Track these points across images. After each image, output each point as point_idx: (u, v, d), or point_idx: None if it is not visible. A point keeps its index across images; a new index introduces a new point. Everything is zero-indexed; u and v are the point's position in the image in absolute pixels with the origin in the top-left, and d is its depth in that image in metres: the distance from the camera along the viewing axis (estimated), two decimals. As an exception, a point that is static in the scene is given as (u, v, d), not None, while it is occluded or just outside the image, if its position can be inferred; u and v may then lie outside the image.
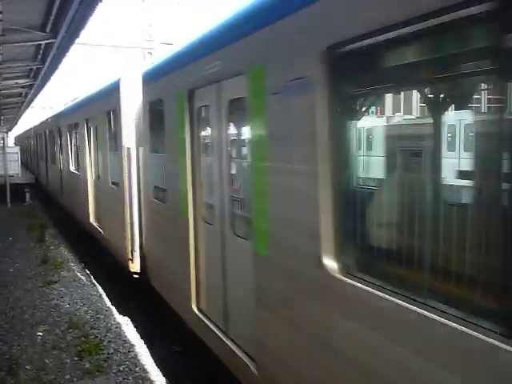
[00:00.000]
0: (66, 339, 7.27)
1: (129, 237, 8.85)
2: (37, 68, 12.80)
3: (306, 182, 3.68)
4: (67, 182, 16.82)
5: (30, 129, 32.46)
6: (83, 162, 13.05)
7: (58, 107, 21.58)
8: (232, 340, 5.24)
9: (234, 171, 5.42)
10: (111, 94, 9.63)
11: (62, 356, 6.75)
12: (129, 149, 8.71)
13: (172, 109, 6.69)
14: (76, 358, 6.64)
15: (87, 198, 12.63)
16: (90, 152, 12.39)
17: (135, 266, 8.86)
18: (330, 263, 3.48)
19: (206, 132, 6.03)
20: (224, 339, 5.35)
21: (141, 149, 8.39)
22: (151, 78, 7.79)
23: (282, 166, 4.05)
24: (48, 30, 8.73)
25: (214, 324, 5.71)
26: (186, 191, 6.16)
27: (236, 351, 5.04)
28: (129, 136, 8.83)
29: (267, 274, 4.39)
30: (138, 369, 6.38)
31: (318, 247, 3.54)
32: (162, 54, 8.25)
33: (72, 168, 15.65)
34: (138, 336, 7.64)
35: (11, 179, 24.50)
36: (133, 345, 7.14)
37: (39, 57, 11.39)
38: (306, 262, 3.75)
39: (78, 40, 9.97)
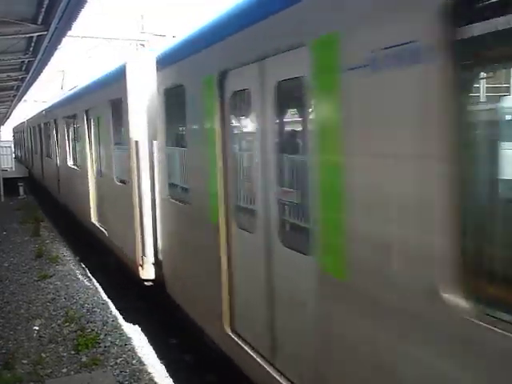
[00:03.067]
0: (63, 333, 7.27)
1: (139, 240, 7.91)
2: (28, 61, 12.66)
3: (413, 183, 2.66)
4: (65, 178, 15.90)
5: (23, 122, 31.45)
6: (83, 158, 12.09)
7: (54, 98, 20.77)
8: (280, 372, 4.28)
9: (284, 169, 4.37)
10: (116, 80, 8.68)
11: (58, 350, 6.75)
12: (137, 142, 7.79)
13: (197, 95, 5.64)
14: (73, 352, 6.65)
15: (88, 196, 11.61)
16: (90, 146, 11.39)
17: (147, 273, 7.90)
18: (455, 299, 2.38)
19: (243, 121, 5.20)
20: (268, 369, 4.40)
21: (155, 142, 7.31)
22: (168, 62, 6.74)
23: (368, 161, 3.02)
24: (39, 22, 8.63)
25: (256, 351, 4.68)
26: (216, 191, 5.16)
27: None
28: (138, 128, 7.89)
29: (341, 304, 3.31)
30: (134, 361, 6.40)
31: (432, 274, 2.50)
32: (182, 33, 6.77)
33: (70, 163, 14.69)
34: (134, 329, 7.65)
35: (4, 173, 24.40)
36: (130, 338, 7.15)
37: (31, 49, 11.28)
38: (411, 295, 2.66)
39: (70, 32, 9.87)
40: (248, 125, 5.07)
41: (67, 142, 15.10)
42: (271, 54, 4.11)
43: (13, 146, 37.94)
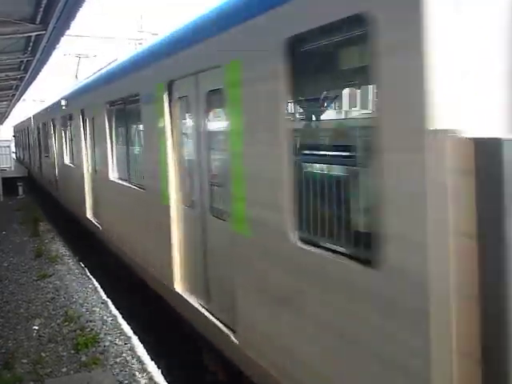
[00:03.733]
0: (62, 332, 7.28)
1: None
2: (27, 60, 12.67)
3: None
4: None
5: (27, 119, 27.95)
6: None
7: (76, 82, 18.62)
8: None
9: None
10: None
11: (58, 349, 6.76)
12: None
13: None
14: (72, 351, 6.66)
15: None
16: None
17: None
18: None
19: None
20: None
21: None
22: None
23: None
24: (38, 21, 8.63)
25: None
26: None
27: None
28: None
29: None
30: (134, 360, 6.41)
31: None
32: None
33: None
34: (134, 328, 7.66)
35: (4, 173, 24.40)
36: (129, 337, 7.16)
37: (29, 49, 11.28)
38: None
39: (68, 31, 9.87)
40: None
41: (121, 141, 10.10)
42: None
43: (13, 146, 37.76)
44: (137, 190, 7.83)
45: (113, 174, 9.50)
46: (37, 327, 7.51)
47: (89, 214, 11.99)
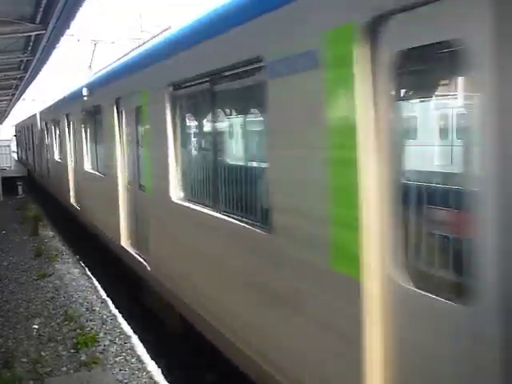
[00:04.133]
0: (62, 331, 7.28)
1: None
2: (27, 60, 12.66)
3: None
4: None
5: (31, 117, 25.98)
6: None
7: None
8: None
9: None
10: None
11: (58, 348, 6.77)
12: None
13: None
14: (72, 350, 6.66)
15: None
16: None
17: None
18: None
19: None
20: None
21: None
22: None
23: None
24: (38, 21, 8.63)
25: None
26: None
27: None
28: None
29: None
30: (134, 360, 6.41)
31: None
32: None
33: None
34: (133, 328, 7.66)
35: (3, 172, 24.40)
36: (129, 336, 7.17)
37: (29, 48, 11.28)
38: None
39: (68, 32, 9.87)
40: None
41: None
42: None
43: (14, 146, 37.58)
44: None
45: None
46: (36, 326, 7.51)
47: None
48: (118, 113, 8.87)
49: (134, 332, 7.42)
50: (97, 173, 11.12)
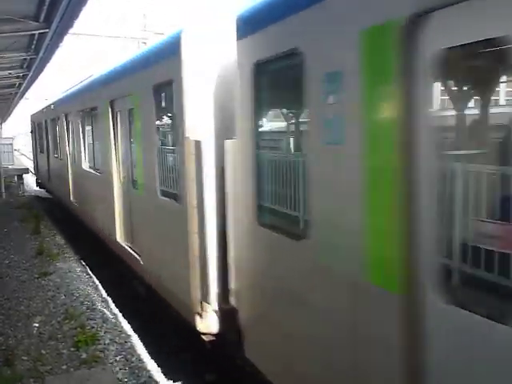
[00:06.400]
0: (63, 330, 7.29)
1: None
2: (30, 58, 12.67)
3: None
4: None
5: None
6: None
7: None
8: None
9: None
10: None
11: (58, 347, 6.78)
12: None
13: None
14: (72, 349, 6.67)
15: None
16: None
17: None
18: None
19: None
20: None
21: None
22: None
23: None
24: (41, 19, 8.63)
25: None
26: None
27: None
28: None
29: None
30: (134, 359, 6.42)
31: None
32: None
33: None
34: (134, 326, 7.67)
35: (6, 170, 24.44)
36: (129, 335, 7.18)
37: (33, 47, 11.28)
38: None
39: (72, 30, 9.87)
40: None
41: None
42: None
43: (16, 145, 36.89)
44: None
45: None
46: (37, 325, 7.52)
47: None
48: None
49: (135, 331, 7.43)
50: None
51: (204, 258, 5.62)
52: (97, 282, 9.93)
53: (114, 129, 9.29)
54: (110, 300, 8.75)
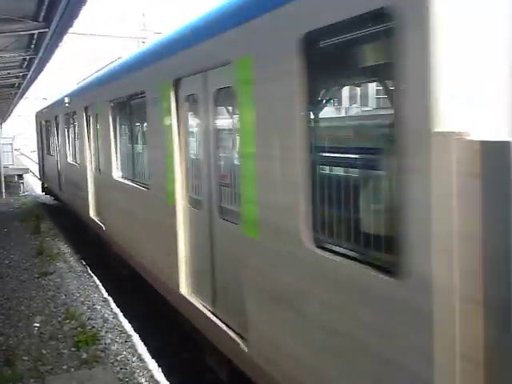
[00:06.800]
0: (63, 330, 7.29)
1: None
2: (30, 58, 12.66)
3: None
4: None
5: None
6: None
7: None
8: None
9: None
10: None
11: (59, 346, 6.77)
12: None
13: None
14: (73, 349, 6.67)
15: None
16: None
17: None
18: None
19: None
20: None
21: None
22: None
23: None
24: (41, 19, 8.62)
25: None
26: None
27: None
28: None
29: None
30: (135, 358, 6.41)
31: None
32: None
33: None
34: (135, 326, 7.66)
35: (6, 170, 24.42)
36: (130, 335, 7.17)
37: (32, 47, 11.27)
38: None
39: (71, 29, 9.85)
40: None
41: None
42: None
43: (15, 144, 37.01)
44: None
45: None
46: (38, 324, 7.51)
47: None
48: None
49: (135, 331, 7.43)
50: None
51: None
52: (97, 281, 9.91)
53: (178, 122, 6.05)
54: (110, 300, 8.74)
